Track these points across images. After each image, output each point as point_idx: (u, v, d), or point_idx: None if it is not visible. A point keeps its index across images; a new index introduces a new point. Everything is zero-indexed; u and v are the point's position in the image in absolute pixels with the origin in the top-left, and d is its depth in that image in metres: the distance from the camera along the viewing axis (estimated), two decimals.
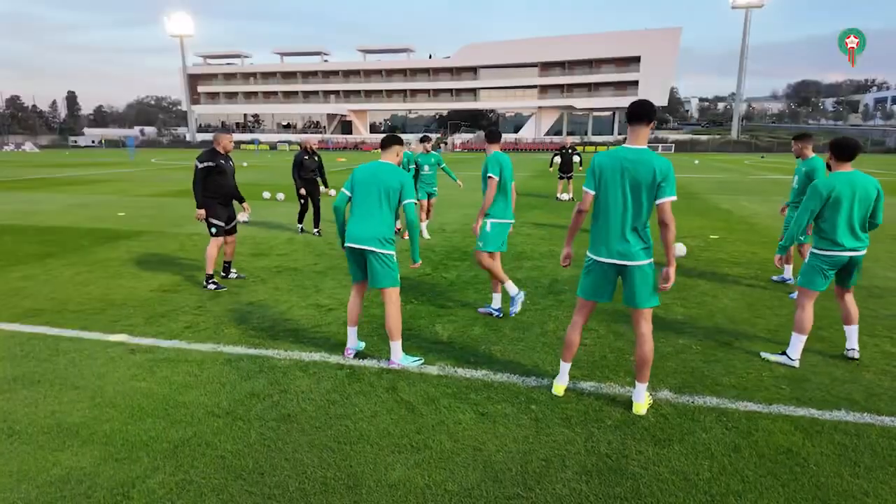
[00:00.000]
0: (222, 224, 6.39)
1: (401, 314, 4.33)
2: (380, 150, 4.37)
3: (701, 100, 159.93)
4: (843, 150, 4.34)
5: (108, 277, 7.05)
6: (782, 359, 4.42)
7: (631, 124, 3.55)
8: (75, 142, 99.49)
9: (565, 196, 16.02)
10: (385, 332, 4.38)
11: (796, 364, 4.37)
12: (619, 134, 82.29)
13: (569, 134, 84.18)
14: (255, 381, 4.07)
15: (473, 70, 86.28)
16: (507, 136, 73.88)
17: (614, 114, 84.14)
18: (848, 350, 4.54)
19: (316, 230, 9.98)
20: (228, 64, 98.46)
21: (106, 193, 17.86)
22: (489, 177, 5.19)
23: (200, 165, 6.14)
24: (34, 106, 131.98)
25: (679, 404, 3.76)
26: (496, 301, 5.55)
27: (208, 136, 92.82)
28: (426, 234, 10.01)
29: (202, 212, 6.24)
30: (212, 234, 6.39)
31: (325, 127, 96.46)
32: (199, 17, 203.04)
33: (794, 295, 5.95)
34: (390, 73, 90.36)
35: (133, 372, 4.23)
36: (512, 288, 5.42)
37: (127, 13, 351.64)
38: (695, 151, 69.10)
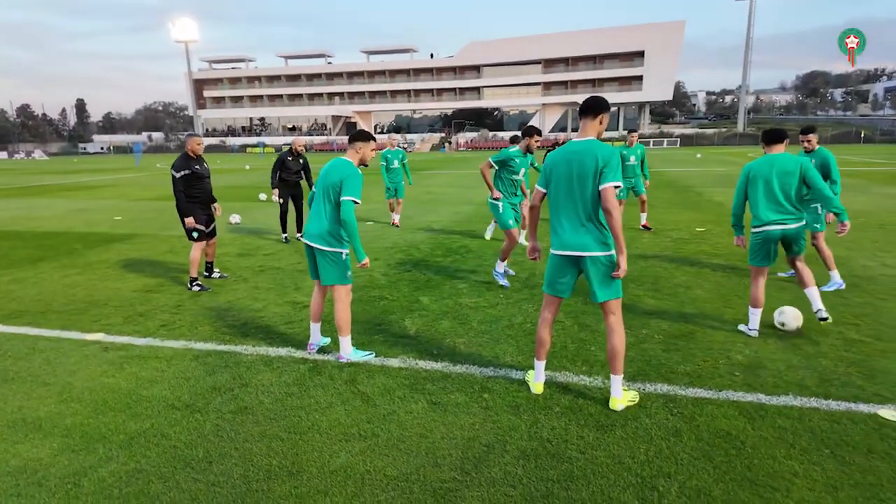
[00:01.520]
0: (203, 228, 6.50)
1: (349, 310, 4.39)
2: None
3: (708, 93, 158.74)
4: (769, 136, 4.86)
5: (96, 279, 7.21)
6: (743, 328, 4.91)
7: (581, 118, 3.60)
8: (84, 149, 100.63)
9: None
10: (363, 328, 4.47)
11: (753, 334, 4.77)
12: (624, 129, 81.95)
13: (574, 130, 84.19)
14: (218, 376, 4.18)
15: (477, 69, 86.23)
16: (508, 135, 73.76)
17: (619, 109, 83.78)
18: (816, 312, 4.77)
19: (299, 234, 9.67)
20: (233, 68, 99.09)
21: (106, 198, 18.13)
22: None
23: (178, 175, 6.24)
24: (44, 114, 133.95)
25: (630, 391, 3.82)
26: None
27: (215, 140, 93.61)
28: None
29: (191, 219, 6.33)
30: (194, 239, 6.49)
31: (329, 129, 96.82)
32: (204, 22, 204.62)
33: (826, 287, 6.05)
34: (394, 73, 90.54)
35: (103, 368, 4.36)
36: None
37: (132, 20, 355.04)
38: (700, 145, 68.63)
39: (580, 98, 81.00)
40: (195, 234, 6.45)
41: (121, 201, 17.07)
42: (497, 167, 6.53)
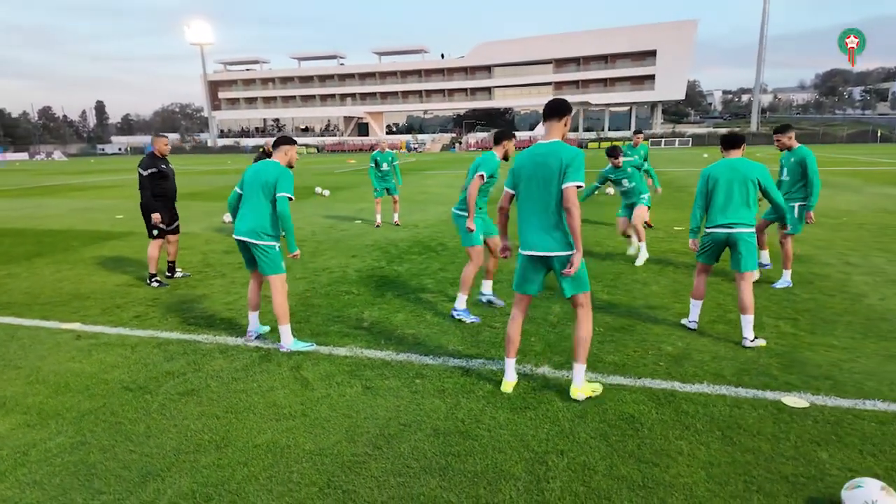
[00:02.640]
0: (164, 226, 6.82)
1: (286, 300, 4.65)
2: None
3: (725, 92, 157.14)
4: (727, 141, 4.84)
5: (84, 274, 7.59)
6: (684, 321, 5.12)
7: (546, 121, 3.69)
8: (102, 149, 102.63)
9: None
10: (323, 319, 4.75)
11: (693, 326, 5.02)
12: (636, 129, 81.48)
13: (585, 130, 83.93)
14: (175, 362, 4.49)
15: (488, 69, 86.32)
16: (523, 135, 73.75)
17: (631, 109, 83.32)
18: (743, 339, 4.62)
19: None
20: (247, 70, 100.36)
21: (111, 198, 18.69)
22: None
23: (145, 173, 6.59)
24: (65, 116, 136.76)
25: (552, 378, 4.05)
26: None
27: (229, 142, 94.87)
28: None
29: (157, 215, 6.68)
30: (152, 236, 6.81)
31: (341, 130, 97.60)
32: (218, 24, 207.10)
33: (776, 285, 6.22)
34: (405, 74, 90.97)
35: (72, 355, 4.69)
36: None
37: (149, 22, 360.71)
38: (713, 145, 67.96)
39: (591, 97, 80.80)
40: (155, 232, 6.76)
41: (125, 201, 17.59)
42: (487, 180, 5.25)
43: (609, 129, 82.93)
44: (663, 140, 70.22)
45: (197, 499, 2.79)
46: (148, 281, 6.88)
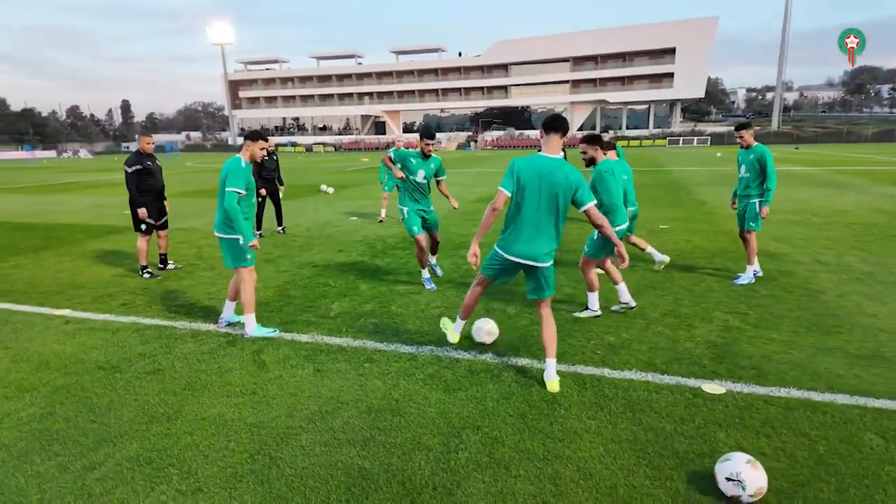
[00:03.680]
0: (152, 221, 7.21)
1: (253, 290, 4.96)
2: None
3: (748, 90, 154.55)
4: (607, 144, 5.56)
5: (84, 266, 8.04)
6: (586, 313, 5.37)
7: (546, 135, 3.79)
8: (127, 147, 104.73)
9: None
10: (295, 308, 5.07)
11: (599, 313, 5.33)
12: (656, 127, 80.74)
13: (602, 129, 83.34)
14: (149, 345, 4.85)
15: (504, 67, 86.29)
16: (537, 133, 73.63)
17: (650, 107, 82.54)
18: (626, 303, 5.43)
19: (280, 227, 10.48)
20: (267, 69, 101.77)
21: (125, 195, 19.27)
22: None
23: (130, 170, 6.97)
24: (91, 115, 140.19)
25: (492, 363, 4.31)
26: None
27: (272, 139, 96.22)
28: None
29: (144, 211, 7.06)
30: (139, 230, 7.19)
31: (358, 129, 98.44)
32: (239, 24, 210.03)
33: (738, 281, 6.37)
34: (422, 73, 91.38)
35: (58, 338, 5.08)
36: None
37: (172, 23, 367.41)
38: (732, 144, 66.99)
39: (609, 96, 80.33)
40: (143, 227, 7.15)
41: None
42: (395, 161, 6.40)
43: (627, 128, 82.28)
44: (682, 139, 69.41)
45: (140, 462, 3.12)
46: (140, 272, 7.28)
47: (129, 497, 2.82)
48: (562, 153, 3.87)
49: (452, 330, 4.58)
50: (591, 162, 5.40)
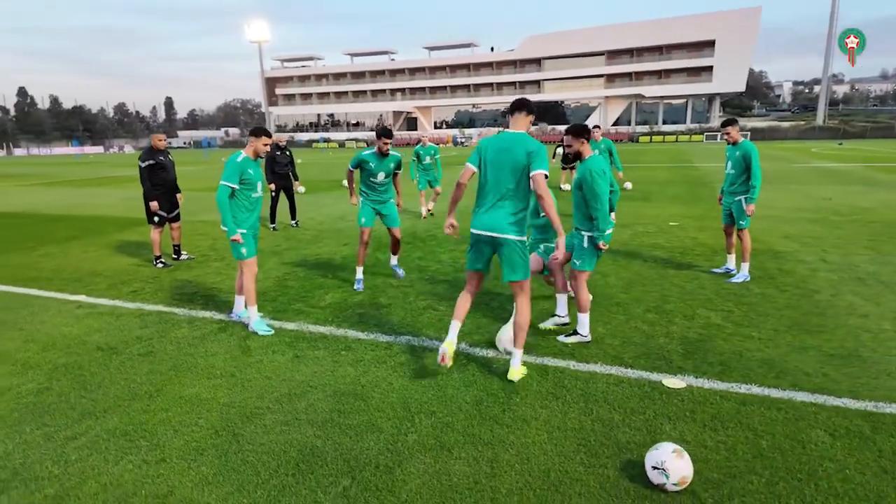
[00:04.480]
0: (164, 214, 7.58)
1: (252, 283, 5.11)
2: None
3: (795, 83, 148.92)
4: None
5: (105, 255, 8.52)
6: (575, 338, 4.67)
7: (511, 115, 3.99)
8: (169, 143, 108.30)
9: (567, 186, 16.29)
10: (290, 297, 5.31)
11: (588, 339, 4.66)
12: (694, 122, 78.72)
13: (638, 123, 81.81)
14: (147, 329, 5.17)
15: (537, 62, 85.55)
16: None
17: (687, 101, 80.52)
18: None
19: (294, 221, 10.86)
20: (303, 66, 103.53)
21: None
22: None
23: (143, 164, 7.35)
24: (137, 111, 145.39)
25: (464, 353, 4.44)
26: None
27: (285, 136, 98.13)
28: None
29: (155, 204, 7.44)
30: (152, 223, 7.56)
31: (391, 125, 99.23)
32: (276, 23, 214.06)
33: (733, 279, 6.32)
34: (454, 68, 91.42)
35: (67, 320, 5.47)
36: None
37: (213, 22, 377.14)
38: (774, 139, 64.84)
39: (645, 90, 78.76)
40: (156, 219, 7.51)
41: None
42: (353, 169, 6.32)
43: (663, 123, 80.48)
44: (719, 135, 67.47)
45: (116, 434, 3.39)
46: (154, 262, 7.68)
47: (100, 464, 3.09)
48: (526, 130, 3.91)
49: (447, 338, 3.95)
50: (577, 157, 4.74)
